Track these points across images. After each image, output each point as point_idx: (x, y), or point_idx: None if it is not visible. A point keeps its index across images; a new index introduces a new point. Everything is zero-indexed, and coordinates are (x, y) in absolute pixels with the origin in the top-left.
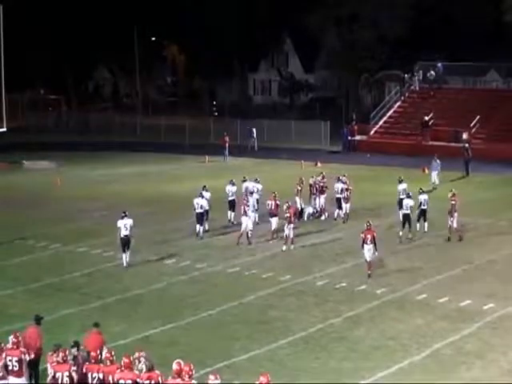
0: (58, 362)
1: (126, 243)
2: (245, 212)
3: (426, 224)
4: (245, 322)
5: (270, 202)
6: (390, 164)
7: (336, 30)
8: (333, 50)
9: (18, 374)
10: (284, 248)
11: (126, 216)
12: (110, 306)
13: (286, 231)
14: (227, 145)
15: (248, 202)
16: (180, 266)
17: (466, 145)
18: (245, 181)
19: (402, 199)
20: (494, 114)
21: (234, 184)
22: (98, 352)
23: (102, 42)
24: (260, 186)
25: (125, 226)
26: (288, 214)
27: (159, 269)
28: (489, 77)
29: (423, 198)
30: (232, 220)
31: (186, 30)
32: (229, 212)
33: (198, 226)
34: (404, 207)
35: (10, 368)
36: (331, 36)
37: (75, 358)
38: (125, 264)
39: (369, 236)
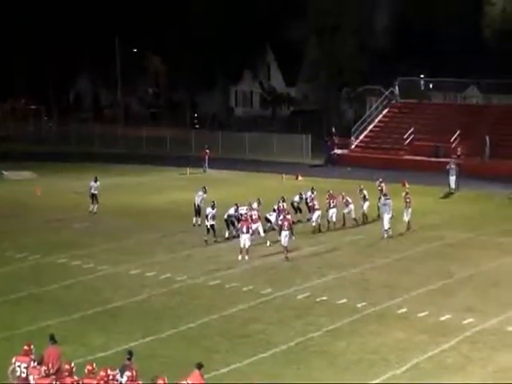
0: (42, 377)
1: (94, 197)
2: (247, 228)
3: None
4: (225, 334)
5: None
6: (370, 178)
7: (317, 41)
8: (314, 62)
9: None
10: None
11: (97, 180)
12: (90, 318)
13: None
14: (207, 157)
15: (251, 218)
16: (161, 279)
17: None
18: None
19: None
20: (474, 130)
21: (204, 192)
22: (72, 365)
23: (84, 51)
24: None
25: (95, 188)
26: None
27: (140, 281)
28: (469, 92)
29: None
30: (196, 223)
31: (169, 40)
32: (194, 218)
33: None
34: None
35: (18, 374)
36: (313, 49)
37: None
38: (90, 208)
39: (286, 223)
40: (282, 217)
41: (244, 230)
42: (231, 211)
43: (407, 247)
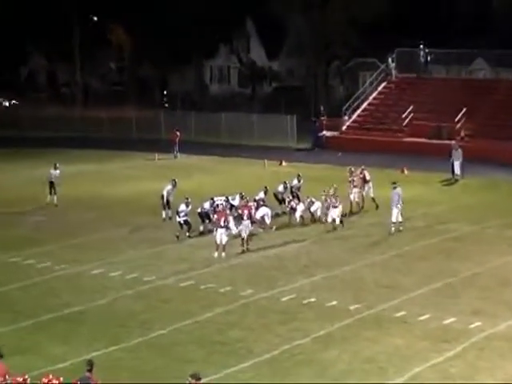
0: None
1: (52, 187)
2: (225, 223)
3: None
4: (200, 342)
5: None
6: (364, 163)
7: (304, 16)
8: (300, 33)
9: None
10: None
11: (57, 168)
12: (47, 324)
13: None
14: (178, 141)
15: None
16: (126, 279)
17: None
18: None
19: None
20: (481, 107)
21: (174, 186)
22: (26, 377)
23: (36, 23)
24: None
25: (55, 176)
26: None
27: (103, 282)
28: (475, 65)
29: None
30: (166, 217)
31: (133, 9)
32: (163, 212)
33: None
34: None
35: None
36: (298, 18)
37: None
38: (48, 199)
39: (246, 211)
40: (241, 203)
41: (221, 223)
42: (206, 206)
43: (406, 242)
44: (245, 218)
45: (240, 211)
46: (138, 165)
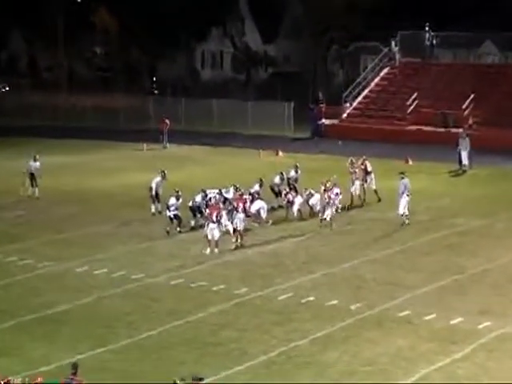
0: None
1: (33, 179)
2: (218, 218)
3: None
4: (192, 344)
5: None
6: (365, 153)
7: None
8: (297, 16)
9: None
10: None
11: (37, 160)
12: (29, 325)
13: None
14: (167, 130)
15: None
16: (113, 277)
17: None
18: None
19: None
20: (490, 94)
21: (163, 177)
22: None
23: (17, 4)
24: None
25: (35, 168)
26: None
27: (88, 280)
28: (484, 49)
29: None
30: (155, 211)
31: None
32: (152, 205)
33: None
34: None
35: None
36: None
37: None
38: (29, 192)
39: (240, 204)
40: (235, 196)
41: (213, 218)
42: (198, 199)
43: (410, 237)
44: (239, 210)
45: (235, 204)
46: (126, 155)
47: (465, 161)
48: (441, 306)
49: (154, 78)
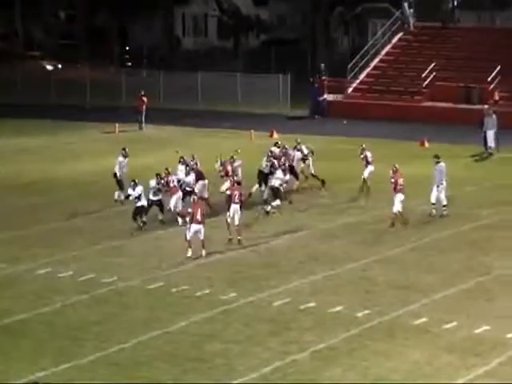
0: None
1: None
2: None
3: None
4: (172, 359)
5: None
6: (375, 134)
7: None
8: None
9: None
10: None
11: None
12: None
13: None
14: (144, 108)
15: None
16: (79, 281)
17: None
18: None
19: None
20: None
21: (125, 156)
22: None
23: None
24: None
25: None
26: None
27: (50, 285)
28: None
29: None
30: (119, 199)
31: None
32: (116, 192)
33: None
34: None
35: None
36: None
37: None
38: None
39: (236, 193)
40: (230, 185)
41: (198, 217)
42: (152, 183)
43: (427, 232)
44: (236, 200)
45: (229, 192)
46: (94, 138)
47: (491, 142)
48: (463, 312)
49: (127, 47)
